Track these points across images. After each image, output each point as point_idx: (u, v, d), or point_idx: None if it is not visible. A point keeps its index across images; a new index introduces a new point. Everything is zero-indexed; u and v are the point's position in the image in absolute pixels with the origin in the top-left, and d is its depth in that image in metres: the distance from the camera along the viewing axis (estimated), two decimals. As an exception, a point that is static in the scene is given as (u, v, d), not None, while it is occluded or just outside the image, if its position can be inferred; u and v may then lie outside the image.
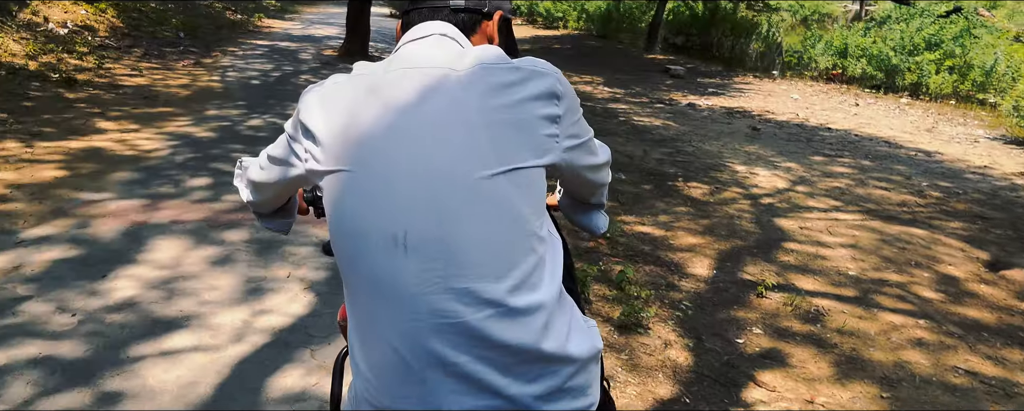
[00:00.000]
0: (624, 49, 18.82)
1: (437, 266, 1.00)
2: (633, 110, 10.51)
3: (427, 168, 1.02)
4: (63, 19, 10.30)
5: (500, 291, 1.01)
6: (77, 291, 3.32)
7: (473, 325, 1.00)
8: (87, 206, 4.40)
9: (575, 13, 24.25)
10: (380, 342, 1.04)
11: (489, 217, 1.02)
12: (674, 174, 6.98)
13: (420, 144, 1.03)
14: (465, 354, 1.00)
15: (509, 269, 1.02)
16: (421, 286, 1.00)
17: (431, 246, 1.00)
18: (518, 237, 1.04)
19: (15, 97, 6.83)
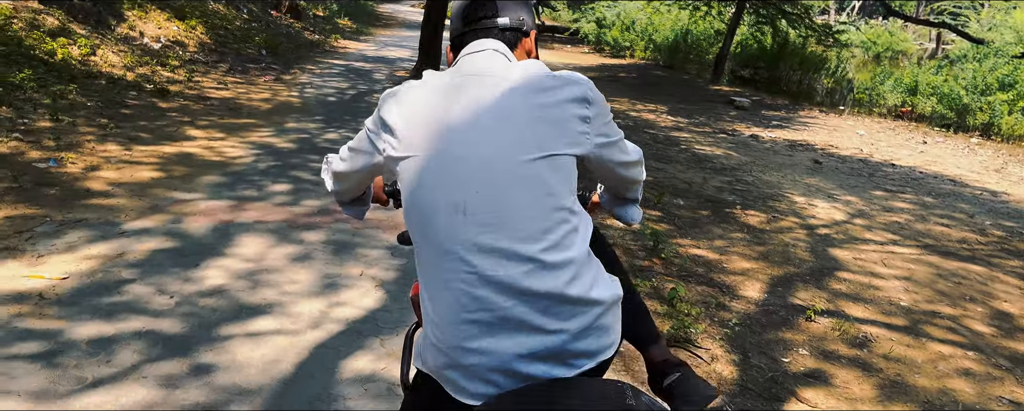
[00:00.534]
0: (690, 80, 18.93)
1: (489, 229, 1.29)
2: (695, 139, 10.65)
3: (482, 154, 1.32)
4: (157, 34, 10.98)
5: (535, 250, 1.29)
6: (173, 277, 3.67)
7: (514, 278, 1.28)
8: (180, 204, 4.79)
9: (642, 43, 24.46)
10: (445, 291, 1.32)
11: (530, 192, 1.31)
12: (732, 202, 7.10)
13: (477, 135, 1.33)
14: (509, 300, 1.28)
15: (545, 234, 1.31)
16: (477, 244, 1.29)
17: (485, 214, 1.29)
18: (552, 209, 1.33)
19: (115, 105, 7.37)
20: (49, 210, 4.43)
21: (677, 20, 23.36)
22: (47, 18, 8.71)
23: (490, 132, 1.33)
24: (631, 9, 25.92)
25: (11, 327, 3.02)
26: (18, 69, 6.97)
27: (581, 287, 1.33)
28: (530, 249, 1.29)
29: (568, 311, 1.31)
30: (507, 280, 1.29)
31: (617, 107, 13.40)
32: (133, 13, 10.99)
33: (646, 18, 25.05)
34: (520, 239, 1.29)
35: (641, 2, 24.71)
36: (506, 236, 1.29)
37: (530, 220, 1.30)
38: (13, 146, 5.54)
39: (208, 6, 14.20)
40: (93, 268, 3.68)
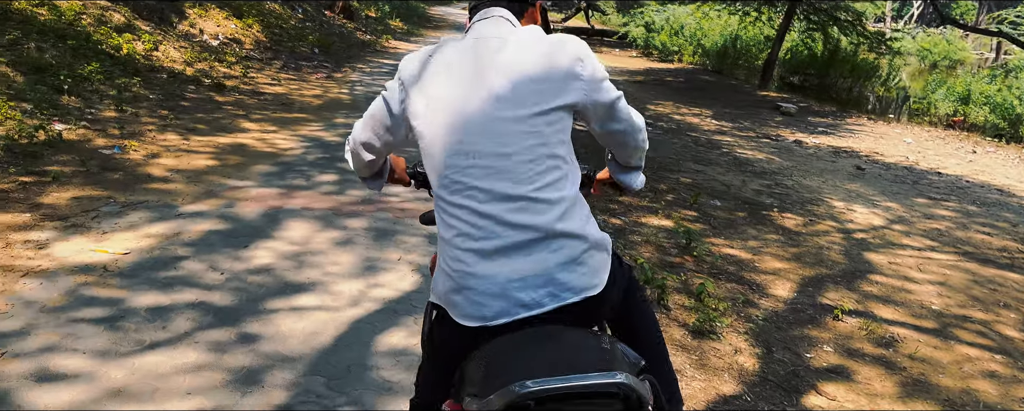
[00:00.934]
0: (737, 85, 18.85)
1: (491, 172, 1.54)
2: (737, 143, 10.67)
3: (489, 109, 1.55)
4: (215, 32, 11.40)
5: (527, 190, 1.54)
6: (225, 256, 3.91)
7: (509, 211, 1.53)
8: (233, 191, 5.06)
9: (691, 48, 24.39)
10: (454, 225, 1.58)
11: (528, 142, 1.55)
12: (769, 204, 7.15)
13: (485, 92, 1.56)
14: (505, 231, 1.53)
15: (537, 176, 1.55)
16: (480, 185, 1.54)
17: (489, 159, 1.54)
18: (545, 157, 1.57)
19: (175, 97, 7.72)
20: (113, 192, 4.72)
21: (726, 25, 23.25)
22: (114, 15, 9.13)
23: (495, 90, 1.55)
24: (680, 14, 25.86)
25: (78, 294, 3.28)
26: (86, 62, 7.35)
27: (568, 224, 1.56)
28: (523, 189, 1.54)
29: (556, 243, 1.54)
30: (502, 214, 1.53)
31: (661, 111, 13.47)
32: (194, 11, 11.42)
33: (695, 23, 24.96)
34: (516, 181, 1.54)
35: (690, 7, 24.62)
36: (506, 178, 1.54)
37: (525, 165, 1.55)
38: (81, 133, 5.88)
39: (265, 5, 14.64)
40: (152, 245, 3.95)
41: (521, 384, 1.30)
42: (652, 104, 14.38)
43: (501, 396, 1.31)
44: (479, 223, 1.54)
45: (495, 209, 1.53)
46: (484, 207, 1.53)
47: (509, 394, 1.30)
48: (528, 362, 1.37)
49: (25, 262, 3.57)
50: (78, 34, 7.92)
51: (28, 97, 6.12)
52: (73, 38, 7.72)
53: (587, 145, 8.73)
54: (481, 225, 1.54)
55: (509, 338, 1.47)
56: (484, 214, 1.54)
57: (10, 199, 4.37)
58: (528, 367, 1.35)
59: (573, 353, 1.39)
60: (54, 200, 4.46)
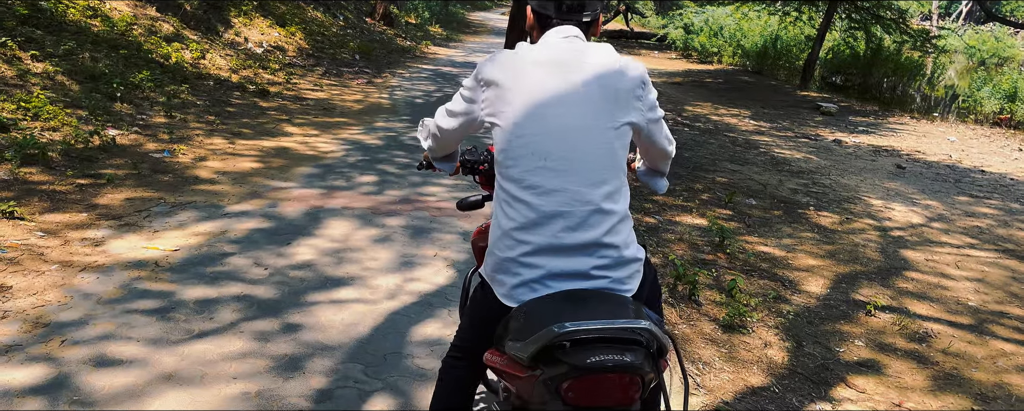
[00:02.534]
0: (777, 85, 18.70)
1: (560, 174, 1.70)
2: (775, 142, 10.63)
3: (567, 118, 1.73)
4: (260, 40, 11.71)
5: (598, 196, 1.71)
6: (268, 252, 4.08)
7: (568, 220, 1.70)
8: (276, 191, 5.25)
9: (730, 48, 24.24)
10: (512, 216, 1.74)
11: (598, 153, 1.73)
12: (805, 203, 7.14)
13: (563, 109, 1.73)
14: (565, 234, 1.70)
15: (604, 184, 1.73)
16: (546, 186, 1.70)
17: (562, 162, 1.70)
18: (613, 166, 1.75)
19: (220, 103, 7.98)
20: (164, 193, 4.94)
21: (766, 26, 23.06)
22: (163, 24, 9.46)
23: (570, 103, 1.74)
24: (719, 15, 25.71)
25: (132, 288, 3.47)
26: (138, 70, 7.65)
27: (615, 237, 1.74)
28: (589, 196, 1.72)
29: (600, 252, 1.72)
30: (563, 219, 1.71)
31: (699, 111, 13.45)
32: (239, 20, 11.75)
33: (735, 24, 24.80)
34: (583, 186, 1.71)
35: (730, 8, 24.47)
36: (574, 182, 1.71)
37: (594, 172, 1.73)
38: (133, 138, 6.14)
39: (307, 13, 14.97)
40: (200, 243, 4.14)
41: (560, 325, 1.48)
42: (690, 105, 14.36)
43: (541, 337, 1.50)
44: (538, 221, 1.71)
45: (557, 210, 1.71)
46: (546, 207, 1.70)
47: (549, 334, 1.49)
48: (564, 311, 1.56)
49: (82, 258, 3.77)
50: (129, 44, 8.23)
51: (83, 104, 6.40)
52: (125, 48, 8.03)
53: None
54: (539, 223, 1.71)
55: (548, 296, 1.68)
56: (546, 213, 1.71)
57: (68, 200, 4.60)
58: (565, 314, 1.54)
59: (604, 306, 1.62)
60: (109, 201, 4.68)
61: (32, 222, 4.18)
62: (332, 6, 17.30)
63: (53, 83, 6.57)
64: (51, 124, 5.81)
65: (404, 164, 6.40)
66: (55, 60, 6.93)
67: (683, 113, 13.08)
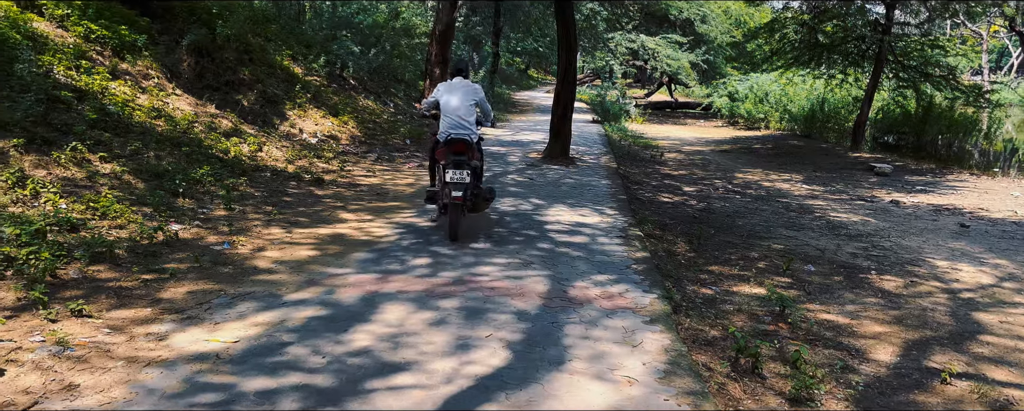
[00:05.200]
0: (828, 148, 18.49)
1: (457, 114, 6.83)
2: (830, 206, 10.44)
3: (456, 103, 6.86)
4: (314, 130, 12.09)
5: (469, 123, 6.88)
6: (326, 340, 4.11)
7: (466, 130, 6.82)
8: (332, 278, 5.32)
9: (777, 114, 24.18)
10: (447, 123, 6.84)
11: (469, 111, 6.91)
12: (867, 267, 6.96)
13: (457, 98, 6.87)
14: (463, 129, 6.82)
15: (471, 121, 6.90)
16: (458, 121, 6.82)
17: (460, 114, 6.85)
18: (472, 117, 6.94)
19: (277, 194, 8.21)
20: (224, 285, 5.05)
21: (812, 89, 23.00)
22: (222, 121, 9.86)
23: (459, 97, 6.85)
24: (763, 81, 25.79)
25: (194, 381, 3.52)
26: (199, 166, 7.94)
27: (472, 133, 6.87)
28: (469, 124, 6.86)
29: (471, 130, 6.86)
30: (462, 128, 6.79)
31: (750, 178, 13.34)
32: (294, 112, 12.18)
33: (779, 89, 24.81)
34: (466, 123, 6.84)
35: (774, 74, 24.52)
36: (462, 120, 6.82)
37: (468, 118, 6.86)
38: (195, 232, 6.33)
39: (359, 102, 15.45)
40: (259, 333, 4.19)
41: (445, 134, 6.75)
42: (740, 172, 14.27)
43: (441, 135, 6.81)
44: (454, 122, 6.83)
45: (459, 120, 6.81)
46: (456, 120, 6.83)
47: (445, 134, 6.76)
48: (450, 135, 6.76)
49: (147, 353, 3.85)
50: (191, 141, 8.57)
51: (148, 201, 6.64)
52: (187, 145, 8.36)
53: (675, 216, 8.75)
54: (455, 122, 6.82)
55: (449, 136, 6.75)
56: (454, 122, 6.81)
57: (133, 296, 4.73)
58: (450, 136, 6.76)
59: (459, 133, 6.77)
60: (172, 295, 4.80)
61: (99, 319, 4.30)
62: (382, 94, 17.85)
63: (120, 182, 6.85)
64: (118, 222, 6.03)
65: (457, 245, 6.45)
66: (122, 160, 7.24)
67: (734, 180, 12.99)
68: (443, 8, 19.10)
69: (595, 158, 13.69)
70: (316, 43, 16.02)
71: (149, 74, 9.67)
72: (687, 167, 14.78)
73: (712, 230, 8.17)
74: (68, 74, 8.10)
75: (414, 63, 21.14)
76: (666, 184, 12.11)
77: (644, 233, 7.47)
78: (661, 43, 31.08)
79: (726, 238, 7.92)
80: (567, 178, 10.93)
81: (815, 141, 20.29)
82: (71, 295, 4.61)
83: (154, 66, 9.88)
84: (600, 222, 7.80)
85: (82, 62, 8.50)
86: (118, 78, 8.96)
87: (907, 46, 18.52)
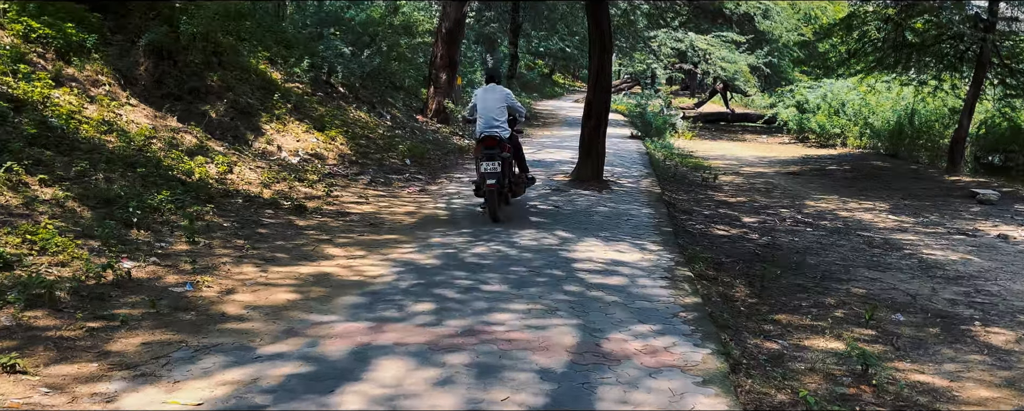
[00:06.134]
0: (919, 170, 18.43)
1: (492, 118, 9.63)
2: (922, 242, 10.38)
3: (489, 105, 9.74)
4: (295, 147, 12.22)
5: (500, 122, 9.61)
6: (308, 402, 4.12)
7: (497, 129, 9.59)
8: (316, 327, 5.34)
9: (856, 128, 24.14)
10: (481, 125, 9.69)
11: (500, 111, 9.70)
12: (969, 317, 6.90)
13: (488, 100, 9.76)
14: (494, 128, 9.59)
15: (502, 120, 9.66)
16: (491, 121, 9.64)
17: (492, 115, 9.65)
18: (503, 117, 9.70)
19: (251, 224, 8.28)
20: (185, 335, 5.08)
21: (899, 99, 22.96)
22: (185, 136, 9.98)
23: (491, 100, 9.71)
24: (840, 89, 25.75)
25: (148, 452, 3.53)
26: (157, 190, 8.03)
27: (503, 130, 9.65)
28: (499, 123, 9.61)
29: (502, 127, 9.62)
30: (494, 127, 9.55)
31: (824, 207, 13.31)
32: (271, 126, 12.32)
33: (859, 99, 24.79)
34: (496, 123, 9.61)
35: (852, 80, 24.52)
36: (494, 121, 9.59)
37: (499, 118, 9.63)
38: (151, 271, 6.38)
39: (349, 114, 15.61)
40: (227, 394, 4.21)
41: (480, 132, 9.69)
42: (812, 199, 14.24)
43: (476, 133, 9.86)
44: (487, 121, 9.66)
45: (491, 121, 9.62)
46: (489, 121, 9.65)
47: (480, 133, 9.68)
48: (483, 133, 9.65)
49: (92, 417, 3.87)
50: (148, 161, 8.68)
51: (96, 233, 6.72)
52: (142, 165, 8.47)
53: (732, 253, 8.74)
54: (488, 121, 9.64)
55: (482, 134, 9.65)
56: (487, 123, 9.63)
57: (77, 347, 4.77)
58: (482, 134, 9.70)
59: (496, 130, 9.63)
60: (123, 347, 4.83)
61: (36, 376, 4.33)
62: (377, 104, 18.00)
63: (63, 210, 6.94)
64: (60, 258, 6.10)
65: (466, 287, 6.46)
66: (65, 184, 7.34)
67: (804, 209, 12.96)
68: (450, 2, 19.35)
69: (634, 182, 13.72)
70: (298, 43, 16.22)
71: (99, 80, 9.84)
72: (747, 193, 14.77)
73: (778, 270, 8.13)
74: (3, 80, 8.25)
75: (416, 67, 21.36)
76: (721, 213, 12.10)
77: (695, 274, 7.45)
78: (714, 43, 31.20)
79: (795, 280, 7.88)
80: (600, 206, 10.95)
81: (903, 162, 20.23)
82: (3, 346, 4.65)
83: (105, 71, 10.05)
84: (641, 260, 7.80)
85: (20, 66, 8.66)
86: (62, 85, 9.12)
87: (1016, 46, 18.45)
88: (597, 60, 12.86)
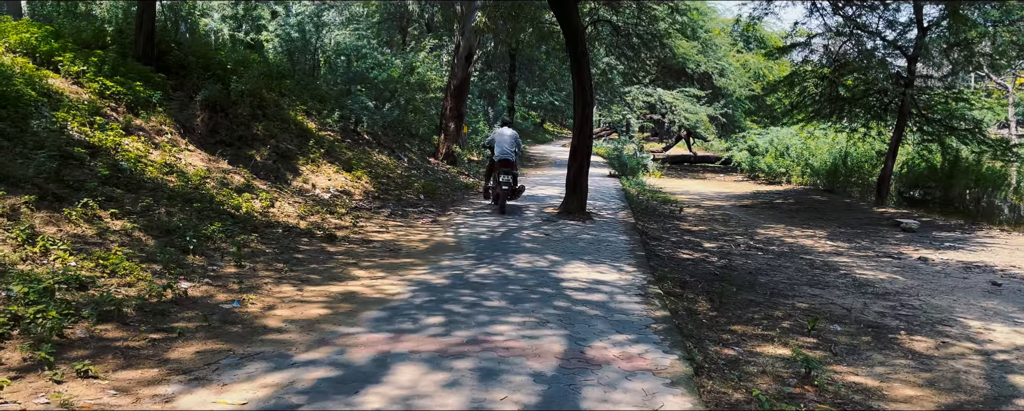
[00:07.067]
0: (852, 203, 18.43)
1: (505, 148, 12.65)
2: (855, 264, 10.36)
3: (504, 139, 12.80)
4: (327, 185, 12.21)
5: (511, 151, 12.69)
6: (336, 402, 4.09)
7: (510, 156, 12.70)
8: (344, 337, 5.31)
9: (798, 168, 24.18)
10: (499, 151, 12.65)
11: (512, 144, 12.80)
12: (896, 327, 6.86)
13: (503, 136, 12.81)
14: (508, 154, 12.64)
15: (512, 150, 12.73)
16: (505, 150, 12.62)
17: (505, 147, 12.72)
18: (513, 148, 12.75)
19: (289, 250, 8.26)
20: (233, 345, 5.05)
21: (834, 143, 23.03)
22: (234, 176, 9.99)
23: (505, 137, 12.80)
24: (784, 135, 25.86)
25: (200, 445, 3.49)
26: (210, 222, 8.02)
27: (512, 157, 12.67)
28: (511, 153, 12.68)
29: (511, 154, 12.66)
30: (507, 154, 12.61)
31: (772, 234, 13.29)
32: (307, 168, 12.33)
33: (801, 143, 24.86)
34: (509, 151, 12.65)
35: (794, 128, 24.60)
36: (507, 151, 12.62)
37: (512, 151, 12.68)
38: (204, 290, 6.36)
39: (372, 157, 15.63)
40: (268, 395, 4.18)
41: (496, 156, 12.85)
42: (762, 228, 14.22)
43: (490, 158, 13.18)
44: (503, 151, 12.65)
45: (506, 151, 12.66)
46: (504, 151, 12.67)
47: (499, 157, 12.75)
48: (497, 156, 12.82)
49: (153, 415, 3.84)
50: (203, 197, 8.68)
51: (158, 258, 6.70)
52: (198, 201, 8.47)
53: (696, 273, 8.71)
54: (504, 151, 12.65)
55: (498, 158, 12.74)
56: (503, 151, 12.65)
57: (140, 356, 4.74)
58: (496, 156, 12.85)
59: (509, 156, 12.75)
60: (180, 355, 4.81)
61: (105, 380, 4.30)
62: (396, 149, 18.06)
63: (130, 239, 6.93)
64: (127, 280, 6.08)
65: (471, 303, 6.44)
66: (133, 217, 7.34)
67: (755, 236, 12.94)
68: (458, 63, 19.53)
69: (613, 213, 13.72)
70: (330, 98, 16.30)
71: (162, 130, 9.86)
72: (707, 222, 14.76)
73: (734, 288, 8.11)
74: (82, 130, 8.28)
75: (429, 118, 21.45)
76: (686, 240, 12.08)
77: (664, 291, 7.43)
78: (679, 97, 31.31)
79: (749, 296, 7.85)
80: (584, 234, 10.94)
81: (838, 196, 20.24)
82: (77, 355, 4.62)
83: (168, 122, 10.08)
84: (618, 279, 7.77)
85: (96, 118, 8.69)
86: (131, 134, 9.14)
87: (930, 99, 18.56)
88: (581, 111, 12.90)
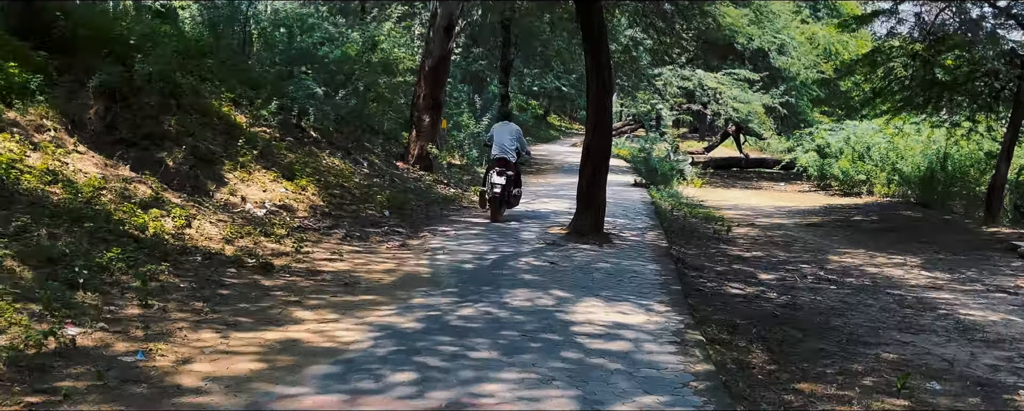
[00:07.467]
0: (953, 221, 18.53)
1: (503, 144, 14.65)
2: (959, 301, 10.40)
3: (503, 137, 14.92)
4: (261, 199, 12.22)
5: (511, 151, 14.54)
6: (273, 487, 4.07)
7: (508, 154, 14.54)
8: (283, 401, 5.30)
9: (883, 175, 24.27)
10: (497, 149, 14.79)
11: (511, 143, 14.69)
12: (1012, 385, 6.89)
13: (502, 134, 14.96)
14: (506, 153, 14.58)
15: (511, 149, 14.63)
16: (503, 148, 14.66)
17: (504, 145, 14.65)
18: (513, 147, 14.72)
19: (211, 284, 8.25)
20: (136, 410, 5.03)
21: (930, 142, 23.15)
22: (139, 187, 9.98)
23: (504, 134, 14.84)
24: (864, 131, 25.93)
25: None
26: (106, 248, 8.00)
27: (511, 156, 14.59)
28: (510, 152, 14.56)
29: (510, 153, 14.60)
30: (505, 152, 14.54)
31: (849, 262, 13.35)
32: (235, 175, 12.33)
33: (886, 142, 24.97)
34: (508, 150, 14.57)
35: (878, 122, 24.71)
36: (506, 148, 14.57)
37: (510, 149, 14.60)
38: (98, 338, 6.34)
39: (321, 162, 15.63)
40: (182, 478, 4.16)
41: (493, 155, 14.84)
42: (836, 254, 14.27)
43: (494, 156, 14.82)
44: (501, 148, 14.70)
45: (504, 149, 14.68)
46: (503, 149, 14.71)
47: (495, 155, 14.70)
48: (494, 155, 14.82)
49: (29, 505, 3.81)
50: (96, 214, 8.66)
51: (37, 296, 6.68)
52: (91, 219, 8.44)
53: (749, 315, 8.74)
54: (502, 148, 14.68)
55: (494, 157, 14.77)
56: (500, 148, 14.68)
57: (13, 425, 4.72)
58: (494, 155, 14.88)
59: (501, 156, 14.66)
60: (65, 424, 4.78)
61: (-34, 458, 4.28)
62: (353, 150, 18.02)
63: (0, 270, 6.91)
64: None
65: (452, 354, 6.43)
66: (3, 241, 7.32)
67: (827, 265, 12.98)
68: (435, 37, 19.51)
69: (638, 235, 13.76)
70: (266, 83, 16.25)
71: (44, 125, 9.87)
72: (763, 247, 14.81)
73: (800, 334, 8.12)
74: (-62, 126, 8.27)
75: (396, 108, 21.44)
76: (735, 270, 12.11)
77: (707, 338, 7.44)
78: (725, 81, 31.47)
79: (819, 344, 7.87)
80: (601, 262, 10.96)
81: (936, 211, 20.33)
82: (-71, 425, 4.60)
83: (51, 114, 10.08)
84: (646, 323, 7.78)
85: (-44, 110, 8.69)
86: (3, 131, 9.14)
87: (1057, 84, 18.65)
88: (596, 100, 12.96)
